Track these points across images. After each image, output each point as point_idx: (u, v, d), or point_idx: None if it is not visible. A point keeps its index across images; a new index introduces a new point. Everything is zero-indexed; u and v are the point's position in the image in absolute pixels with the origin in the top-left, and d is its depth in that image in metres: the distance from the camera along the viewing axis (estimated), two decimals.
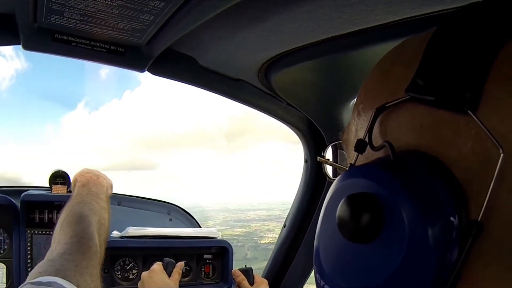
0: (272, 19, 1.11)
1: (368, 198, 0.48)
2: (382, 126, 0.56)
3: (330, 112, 1.73)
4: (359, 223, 0.48)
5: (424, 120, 0.51)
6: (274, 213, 20.53)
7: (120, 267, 2.20)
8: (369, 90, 0.63)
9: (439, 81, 0.49)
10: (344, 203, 0.50)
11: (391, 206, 0.46)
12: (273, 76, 1.47)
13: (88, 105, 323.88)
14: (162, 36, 1.25)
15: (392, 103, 0.53)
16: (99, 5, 1.07)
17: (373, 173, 0.50)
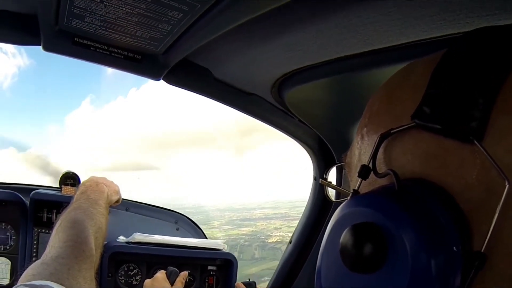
0: (287, 36, 1.13)
1: (372, 228, 0.47)
2: (386, 152, 0.55)
3: (341, 130, 1.73)
4: (362, 253, 0.47)
5: (429, 148, 0.50)
6: (280, 211, 20.34)
7: (124, 272, 2.21)
8: (373, 114, 0.62)
9: (445, 109, 0.48)
10: (348, 233, 0.49)
11: (395, 237, 0.46)
12: (286, 92, 1.48)
13: (93, 103, 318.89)
14: (178, 46, 1.27)
15: (397, 129, 0.52)
16: (119, 12, 1.10)
17: (378, 203, 0.49)
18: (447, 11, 0.87)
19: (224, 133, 71.88)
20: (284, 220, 19.39)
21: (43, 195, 1.99)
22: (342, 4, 0.95)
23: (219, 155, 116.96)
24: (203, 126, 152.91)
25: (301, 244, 2.22)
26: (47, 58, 10.00)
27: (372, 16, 0.95)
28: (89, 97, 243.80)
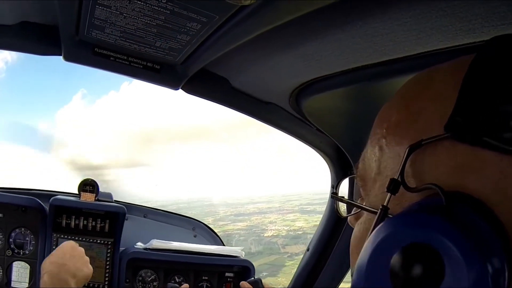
0: (304, 46, 1.13)
1: (428, 249, 0.45)
2: (416, 165, 0.53)
3: (359, 139, 1.71)
4: (418, 275, 0.45)
5: (465, 159, 0.49)
6: (274, 205, 20.26)
7: (142, 278, 2.22)
8: (392, 124, 0.60)
9: (482, 119, 0.47)
10: (400, 254, 0.47)
11: (452, 255, 0.44)
12: (303, 101, 1.48)
13: (85, 97, 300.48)
14: (197, 56, 1.28)
15: (428, 141, 0.51)
16: (139, 23, 1.11)
17: (429, 222, 0.47)
18: (462, 21, 0.86)
19: (219, 127, 71.52)
20: (278, 214, 19.28)
21: (62, 201, 2.00)
22: (358, 15, 0.95)
23: (212, 149, 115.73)
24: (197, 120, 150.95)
25: (319, 251, 2.21)
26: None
27: (388, 27, 0.95)
28: (81, 91, 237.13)
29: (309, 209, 20.24)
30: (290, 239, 16.87)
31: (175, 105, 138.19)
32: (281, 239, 16.62)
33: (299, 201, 21.07)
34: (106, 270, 2.09)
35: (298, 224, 18.10)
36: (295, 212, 19.84)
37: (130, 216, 2.34)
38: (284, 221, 18.47)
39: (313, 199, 20.93)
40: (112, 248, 2.11)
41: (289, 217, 19.24)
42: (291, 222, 18.48)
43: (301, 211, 19.89)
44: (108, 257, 2.10)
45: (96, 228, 2.11)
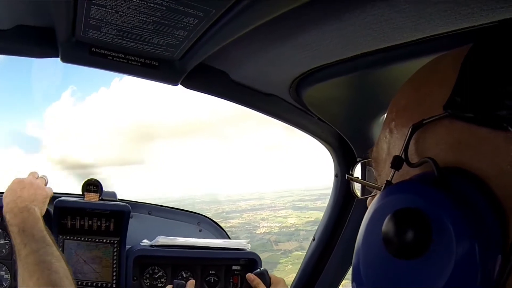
0: (303, 36, 1.13)
1: (417, 213, 0.48)
2: (418, 143, 0.57)
3: (361, 127, 1.72)
4: (407, 238, 0.48)
5: (462, 136, 0.51)
6: (265, 202, 20.39)
7: (149, 275, 2.22)
8: (401, 108, 0.64)
9: (478, 98, 0.50)
10: (391, 218, 0.51)
11: (439, 222, 0.46)
12: (304, 91, 1.47)
13: (74, 94, 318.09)
14: (195, 51, 1.27)
15: (429, 119, 0.54)
16: (135, 21, 1.10)
17: (420, 189, 0.50)
18: (461, 6, 0.86)
19: (211, 123, 72.41)
20: (270, 211, 19.42)
21: (66, 203, 2.00)
22: (356, 3, 0.94)
23: (203, 146, 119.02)
24: (190, 116, 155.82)
25: (325, 240, 2.21)
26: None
27: (386, 14, 0.94)
28: (70, 88, 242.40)
29: (300, 205, 20.37)
30: (283, 236, 16.95)
31: (166, 103, 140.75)
32: (273, 236, 16.69)
33: (291, 197, 21.22)
34: (113, 269, 2.09)
35: (290, 221, 18.22)
36: (286, 208, 19.97)
37: (134, 214, 2.34)
38: (276, 217, 18.61)
39: (304, 196, 21.06)
40: (118, 247, 2.11)
41: (281, 214, 19.38)
42: (283, 219, 18.59)
43: (293, 208, 20.00)
44: (114, 256, 2.10)
45: (102, 227, 2.11)
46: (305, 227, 17.69)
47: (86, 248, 2.07)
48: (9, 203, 1.68)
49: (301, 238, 16.84)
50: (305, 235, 16.97)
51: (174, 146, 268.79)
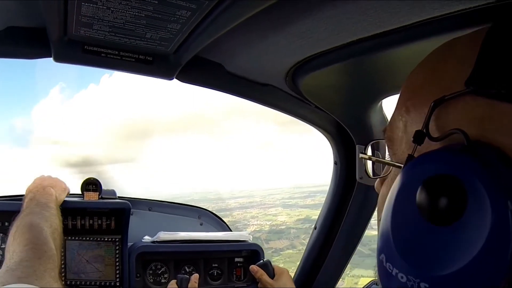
0: (297, 24, 1.12)
1: (452, 178, 0.49)
2: (439, 119, 0.57)
3: (359, 113, 1.72)
4: (442, 204, 0.49)
5: (484, 112, 0.52)
6: (255, 200, 20.41)
7: (152, 272, 2.22)
8: (418, 87, 0.65)
9: (500, 74, 0.51)
10: (426, 184, 0.52)
11: (475, 188, 0.47)
12: (300, 80, 1.47)
13: (63, 91, 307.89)
14: (189, 44, 1.26)
15: (451, 95, 0.55)
16: (127, 16, 1.09)
17: (452, 156, 0.51)
18: None
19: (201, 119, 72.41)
20: (260, 209, 19.43)
21: (66, 203, 1.98)
22: None
23: (193, 143, 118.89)
24: (179, 112, 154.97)
25: (326, 228, 2.22)
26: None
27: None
28: (59, 85, 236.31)
29: (290, 203, 20.38)
30: (273, 234, 16.96)
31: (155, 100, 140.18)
32: (264, 234, 16.69)
33: (280, 195, 21.22)
34: (116, 267, 2.08)
35: (280, 219, 18.24)
36: (276, 206, 19.99)
37: (135, 211, 2.33)
38: (266, 215, 18.62)
39: (294, 193, 21.06)
40: (120, 245, 2.10)
41: (271, 212, 19.39)
42: (273, 217, 18.61)
43: (283, 205, 20.01)
44: (117, 254, 2.09)
45: (102, 226, 2.10)
46: (296, 225, 17.75)
47: (88, 248, 2.06)
48: (31, 189, 1.81)
49: (292, 236, 16.90)
50: (296, 233, 17.01)
51: (163, 144, 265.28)
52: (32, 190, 1.78)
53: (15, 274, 1.16)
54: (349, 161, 2.02)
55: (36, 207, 1.63)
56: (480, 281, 0.47)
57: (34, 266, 1.23)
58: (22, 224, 1.46)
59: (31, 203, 1.67)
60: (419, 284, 0.51)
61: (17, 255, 1.28)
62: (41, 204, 1.66)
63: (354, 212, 2.07)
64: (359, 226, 2.11)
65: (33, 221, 1.50)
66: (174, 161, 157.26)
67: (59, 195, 1.84)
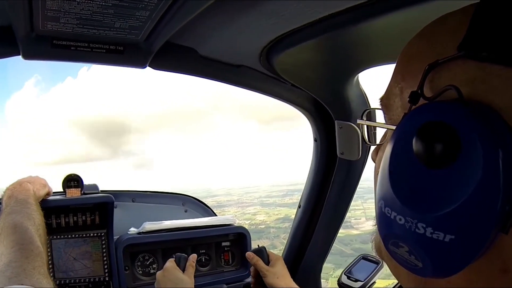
0: (268, 2, 1.11)
1: (445, 126, 0.52)
2: (433, 82, 0.59)
3: (335, 89, 1.72)
4: (437, 148, 0.52)
5: (476, 74, 0.55)
6: (232, 198, 20.51)
7: (140, 263, 2.21)
8: (413, 55, 0.67)
9: (491, 38, 0.54)
10: (421, 131, 0.54)
11: (468, 134, 0.50)
12: (275, 58, 1.46)
13: (38, 85, 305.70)
14: (160, 30, 1.24)
15: (444, 59, 0.57)
16: (93, 7, 1.07)
17: (446, 106, 0.53)
18: None
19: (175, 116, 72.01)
20: (238, 207, 19.50)
21: (49, 202, 1.96)
22: None
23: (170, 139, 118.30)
24: (158, 108, 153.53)
25: (311, 206, 2.23)
26: None
27: None
28: (34, 77, 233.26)
29: (268, 201, 20.44)
30: (253, 234, 17.08)
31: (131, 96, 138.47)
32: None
33: (258, 193, 21.26)
34: (104, 262, 2.07)
35: (259, 218, 18.28)
36: (255, 205, 20.03)
37: (118, 203, 2.32)
38: (244, 214, 18.68)
39: (271, 191, 21.12)
40: (106, 239, 2.09)
41: (249, 211, 19.45)
42: (251, 216, 18.66)
43: (261, 204, 20.06)
44: (104, 249, 2.07)
45: (87, 222, 2.08)
46: (275, 224, 17.80)
47: (74, 245, 2.05)
48: (9, 186, 1.79)
49: (272, 236, 16.95)
50: (276, 232, 17.07)
51: (139, 140, 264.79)
52: (9, 187, 1.77)
53: (5, 275, 1.18)
54: (329, 137, 2.02)
55: (16, 205, 1.62)
56: (472, 220, 0.50)
57: (23, 266, 1.25)
58: (6, 226, 1.46)
59: (10, 201, 1.65)
60: (417, 224, 0.54)
61: (5, 257, 1.29)
62: (20, 201, 1.66)
63: (337, 187, 2.07)
64: (342, 202, 2.12)
65: (16, 221, 1.49)
66: (150, 159, 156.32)
67: (37, 190, 1.83)
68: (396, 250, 0.59)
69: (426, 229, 0.53)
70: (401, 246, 0.57)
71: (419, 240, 0.54)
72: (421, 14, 0.65)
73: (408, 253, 0.57)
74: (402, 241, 0.57)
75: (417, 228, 0.54)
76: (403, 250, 0.57)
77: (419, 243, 0.54)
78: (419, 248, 0.55)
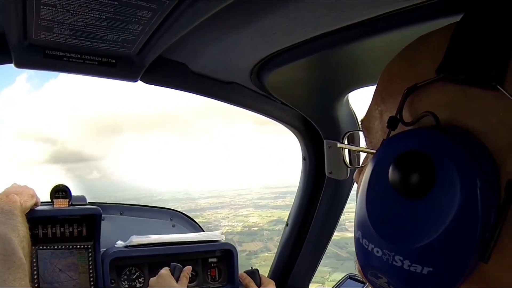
0: (260, 20, 1.12)
1: (421, 154, 0.51)
2: (412, 106, 0.59)
3: (325, 108, 1.73)
4: (413, 178, 0.51)
5: (455, 97, 0.55)
6: (225, 200, 20.39)
7: (127, 277, 2.21)
8: (392, 77, 0.67)
9: (468, 61, 0.53)
10: (398, 160, 0.54)
11: (443, 162, 0.50)
12: (265, 76, 1.47)
13: (31, 80, 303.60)
14: (152, 45, 1.26)
15: (423, 83, 0.57)
16: (87, 18, 1.08)
17: (422, 134, 0.53)
18: None
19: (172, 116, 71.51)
20: (231, 209, 19.40)
21: (36, 212, 1.96)
22: None
23: (162, 140, 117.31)
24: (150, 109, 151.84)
25: (298, 225, 2.24)
26: None
27: None
28: (26, 72, 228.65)
29: (261, 203, 20.35)
30: (246, 236, 16.89)
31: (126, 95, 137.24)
32: (236, 236, 16.59)
33: (250, 195, 21.19)
34: (90, 274, 2.06)
35: (252, 220, 18.20)
36: (247, 207, 19.95)
37: (106, 216, 2.32)
38: (237, 216, 18.58)
39: (264, 193, 21.04)
40: (93, 251, 2.09)
41: (241, 212, 19.36)
42: (244, 218, 18.57)
43: (254, 206, 19.97)
44: (90, 261, 2.07)
45: (74, 233, 2.07)
46: (268, 226, 17.71)
47: (60, 256, 2.04)
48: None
49: (265, 238, 16.84)
50: (269, 235, 16.97)
51: (132, 141, 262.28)
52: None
53: None
54: (317, 156, 2.03)
55: (1, 216, 1.62)
56: (451, 252, 0.49)
57: (3, 277, 1.25)
58: None
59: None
60: (394, 257, 0.53)
61: None
62: (5, 212, 1.65)
63: (325, 207, 2.08)
64: (330, 221, 2.12)
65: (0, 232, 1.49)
66: (141, 160, 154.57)
67: (24, 202, 1.82)
68: (375, 280, 0.58)
69: (403, 261, 0.52)
70: (379, 277, 0.57)
71: (397, 273, 0.53)
72: (414, 36, 0.65)
73: (387, 284, 0.56)
74: (381, 273, 0.56)
75: (394, 260, 0.53)
76: (382, 281, 0.57)
77: (397, 276, 0.54)
78: (397, 280, 0.54)
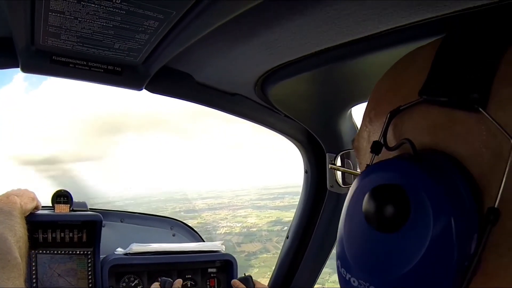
0: (265, 34, 1.13)
1: (395, 188, 0.51)
2: (396, 129, 0.59)
3: (328, 122, 1.73)
4: (386, 212, 0.51)
5: (437, 120, 0.54)
6: (223, 201, 20.25)
7: (125, 284, 2.21)
8: (380, 97, 0.67)
9: (451, 83, 0.53)
10: (371, 193, 0.54)
11: (417, 195, 0.49)
12: (269, 89, 1.48)
13: (29, 78, 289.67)
14: (158, 54, 1.26)
15: (406, 106, 0.57)
16: (95, 26, 1.09)
17: (397, 165, 0.54)
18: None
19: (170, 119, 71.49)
20: (229, 210, 19.25)
21: (37, 216, 1.96)
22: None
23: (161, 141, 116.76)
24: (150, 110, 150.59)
25: (298, 238, 2.22)
26: None
27: (349, 8, 0.95)
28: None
29: (259, 204, 20.23)
30: (245, 237, 16.79)
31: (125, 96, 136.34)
32: (235, 237, 16.49)
33: (249, 196, 21.08)
34: (89, 280, 2.06)
35: (250, 221, 18.10)
36: (246, 207, 19.84)
37: (107, 223, 2.32)
38: (236, 217, 18.47)
39: (262, 194, 20.92)
40: (92, 258, 2.09)
41: (240, 213, 19.23)
42: (243, 219, 18.46)
43: (252, 207, 19.86)
44: (89, 267, 2.07)
45: (74, 239, 2.08)
46: (267, 227, 17.63)
47: (60, 261, 2.04)
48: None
49: (264, 239, 16.76)
50: (268, 235, 16.89)
51: (131, 142, 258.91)
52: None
53: None
54: (319, 169, 2.03)
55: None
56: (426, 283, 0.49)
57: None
58: None
59: None
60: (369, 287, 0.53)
61: None
62: (4, 212, 1.66)
63: (326, 220, 2.07)
64: (331, 235, 2.11)
65: None
66: (139, 160, 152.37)
67: (24, 204, 1.83)
68: None
69: None
70: None
71: None
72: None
73: None
74: None
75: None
76: None
77: None
78: None
